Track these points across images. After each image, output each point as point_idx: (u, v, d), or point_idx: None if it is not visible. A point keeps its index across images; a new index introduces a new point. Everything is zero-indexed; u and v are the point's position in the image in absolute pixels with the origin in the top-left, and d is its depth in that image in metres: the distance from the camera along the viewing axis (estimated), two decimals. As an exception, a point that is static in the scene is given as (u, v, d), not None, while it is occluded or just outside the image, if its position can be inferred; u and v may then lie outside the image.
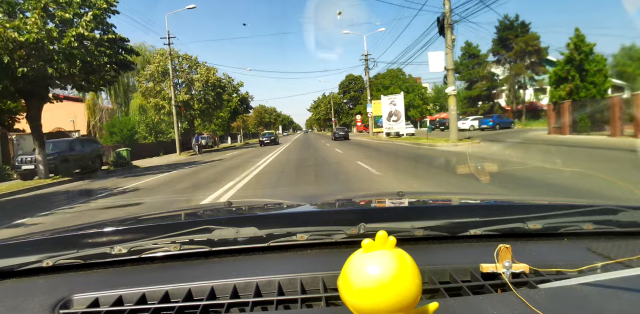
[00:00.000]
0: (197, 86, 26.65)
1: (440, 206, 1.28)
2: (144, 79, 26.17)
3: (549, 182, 5.46)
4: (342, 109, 73.33)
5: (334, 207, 1.36)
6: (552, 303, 0.59)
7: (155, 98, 25.97)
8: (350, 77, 68.00)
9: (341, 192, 5.87)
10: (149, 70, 26.03)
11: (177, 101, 25.27)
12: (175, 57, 26.66)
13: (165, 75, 25.87)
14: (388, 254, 0.47)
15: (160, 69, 25.94)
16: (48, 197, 8.77)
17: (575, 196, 4.44)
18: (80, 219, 5.57)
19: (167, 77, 25.47)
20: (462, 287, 0.67)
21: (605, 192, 4.14)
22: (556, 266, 0.71)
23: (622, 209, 0.92)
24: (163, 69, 25.97)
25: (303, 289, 0.71)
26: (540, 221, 0.89)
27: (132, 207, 6.14)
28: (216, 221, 0.93)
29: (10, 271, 0.82)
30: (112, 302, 0.69)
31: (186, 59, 27.42)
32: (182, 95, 26.10)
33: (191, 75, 27.20)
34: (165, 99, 25.85)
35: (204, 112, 28.15)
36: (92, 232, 1.01)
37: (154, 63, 26.20)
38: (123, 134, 25.05)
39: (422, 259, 0.64)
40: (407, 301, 0.46)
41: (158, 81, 26.22)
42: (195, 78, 26.87)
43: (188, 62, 27.46)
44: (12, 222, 5.63)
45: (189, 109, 26.80)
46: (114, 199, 7.28)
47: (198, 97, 26.99)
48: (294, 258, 0.86)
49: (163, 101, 25.81)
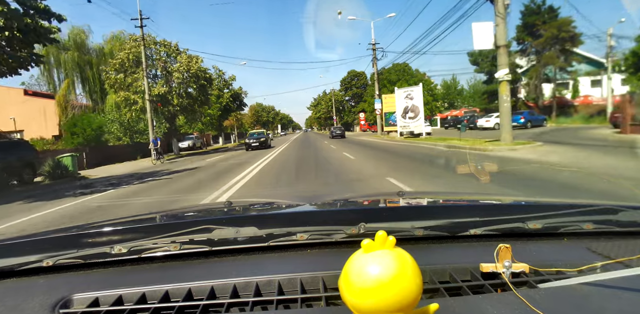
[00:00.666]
0: (176, 77, 22.34)
1: (440, 206, 1.27)
2: (113, 69, 21.90)
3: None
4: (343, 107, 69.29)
5: (334, 207, 1.34)
6: (552, 302, 0.59)
7: (126, 91, 21.76)
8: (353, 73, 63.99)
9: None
10: (118, 59, 21.80)
11: (151, 94, 21.08)
12: (151, 44, 22.45)
13: (138, 64, 21.67)
14: (388, 253, 0.47)
15: (132, 56, 21.72)
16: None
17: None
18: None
19: (141, 66, 21.27)
20: (462, 287, 0.67)
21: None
22: (556, 265, 0.71)
23: (622, 209, 0.92)
24: (135, 57, 21.76)
25: (303, 288, 0.71)
26: (540, 220, 0.88)
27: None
28: (216, 220, 0.92)
29: (10, 271, 0.82)
30: (112, 302, 0.69)
31: (164, 45, 23.15)
32: (159, 88, 21.87)
33: (169, 65, 22.87)
34: (138, 92, 21.65)
35: (186, 109, 23.90)
36: (92, 232, 0.99)
37: (125, 50, 21.97)
38: (86, 135, 20.89)
39: (422, 259, 0.63)
40: (408, 300, 0.46)
41: (130, 72, 22.02)
42: (174, 68, 22.55)
43: (166, 49, 23.17)
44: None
45: (166, 104, 22.57)
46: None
47: (178, 90, 22.69)
48: (293, 258, 0.86)
49: (135, 95, 21.60)
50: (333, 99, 63.86)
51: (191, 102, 23.70)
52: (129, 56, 21.64)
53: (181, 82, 22.85)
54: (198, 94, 24.02)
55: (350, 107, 64.21)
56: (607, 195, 4.67)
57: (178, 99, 22.57)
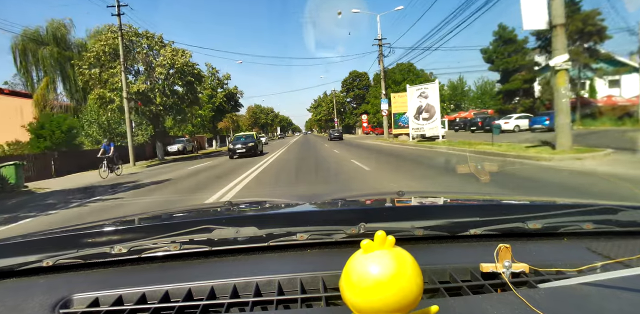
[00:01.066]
0: (158, 72, 19.66)
1: (440, 206, 1.25)
2: (87, 64, 19.28)
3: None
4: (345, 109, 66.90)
5: (334, 206, 1.33)
6: (552, 302, 0.58)
7: (102, 89, 19.14)
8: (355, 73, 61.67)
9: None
10: (92, 52, 19.19)
11: (130, 92, 18.47)
12: (132, 36, 19.85)
13: (116, 58, 19.08)
14: (388, 253, 0.47)
15: (108, 49, 19.12)
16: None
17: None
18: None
19: (118, 60, 18.68)
20: (462, 287, 0.67)
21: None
22: (556, 265, 0.71)
23: (622, 209, 0.92)
24: (113, 50, 19.17)
25: (303, 288, 0.71)
26: (540, 220, 0.88)
27: None
28: (216, 220, 0.91)
29: (10, 271, 0.82)
30: (112, 302, 0.68)
31: (147, 37, 20.53)
32: (139, 84, 19.24)
33: (152, 58, 20.24)
34: (115, 90, 19.04)
35: (172, 109, 21.26)
36: (92, 232, 0.99)
37: (101, 41, 19.37)
38: (55, 138, 18.27)
39: (422, 259, 0.62)
40: (408, 300, 0.46)
41: (107, 67, 19.42)
42: (157, 63, 19.91)
43: (149, 41, 20.55)
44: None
45: (148, 103, 19.93)
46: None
47: (161, 87, 20.04)
48: (293, 258, 0.85)
49: (111, 93, 18.98)
50: (334, 100, 61.31)
51: (177, 101, 21.04)
52: (105, 49, 19.03)
53: (165, 79, 20.19)
54: (185, 92, 21.37)
55: (351, 109, 61.76)
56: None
57: (161, 97, 19.90)
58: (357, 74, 61.16)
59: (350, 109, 61.94)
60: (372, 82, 52.44)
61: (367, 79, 60.33)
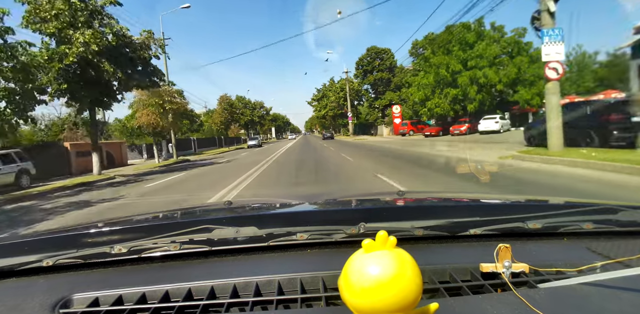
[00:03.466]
0: None
1: (440, 206, 1.24)
2: None
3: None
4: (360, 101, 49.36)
5: (334, 206, 1.32)
6: (552, 302, 0.59)
7: None
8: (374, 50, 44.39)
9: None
10: None
11: None
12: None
13: None
14: (388, 254, 0.47)
15: None
16: None
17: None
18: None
19: None
20: (462, 287, 0.67)
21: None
22: (556, 265, 0.71)
23: (622, 209, 0.91)
24: None
25: (303, 288, 0.71)
26: (540, 220, 0.88)
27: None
28: (216, 220, 0.91)
29: (10, 271, 0.82)
30: (112, 301, 0.69)
31: None
32: None
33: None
34: None
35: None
36: (92, 231, 0.99)
37: None
38: None
39: (422, 259, 0.62)
40: (408, 300, 0.46)
41: None
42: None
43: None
44: None
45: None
46: None
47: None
48: (294, 258, 0.85)
49: None
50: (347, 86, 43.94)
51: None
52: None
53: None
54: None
55: (370, 99, 44.61)
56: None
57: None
58: (377, 51, 43.89)
59: (369, 99, 44.80)
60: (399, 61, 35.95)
61: (391, 57, 42.93)
